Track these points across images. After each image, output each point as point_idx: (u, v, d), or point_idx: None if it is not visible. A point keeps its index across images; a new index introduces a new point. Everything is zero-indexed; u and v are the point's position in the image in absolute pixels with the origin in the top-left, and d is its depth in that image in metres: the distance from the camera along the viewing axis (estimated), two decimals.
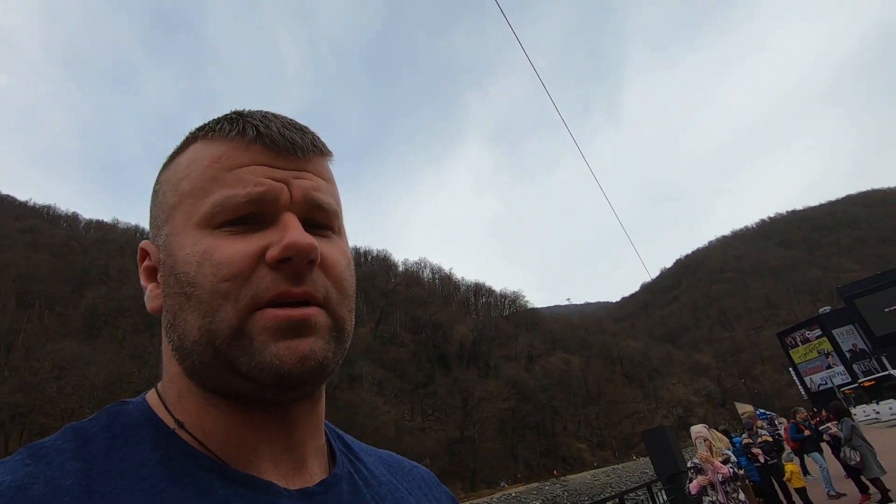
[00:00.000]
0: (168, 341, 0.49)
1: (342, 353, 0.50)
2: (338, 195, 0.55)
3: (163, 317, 0.49)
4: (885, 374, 28.42)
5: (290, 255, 0.44)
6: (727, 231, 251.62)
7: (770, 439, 10.12)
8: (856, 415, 9.34)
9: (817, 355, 45.80)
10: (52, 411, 63.08)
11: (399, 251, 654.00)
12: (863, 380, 30.77)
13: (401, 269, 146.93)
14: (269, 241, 0.45)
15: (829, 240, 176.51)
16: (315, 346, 0.45)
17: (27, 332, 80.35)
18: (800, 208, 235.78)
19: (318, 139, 0.53)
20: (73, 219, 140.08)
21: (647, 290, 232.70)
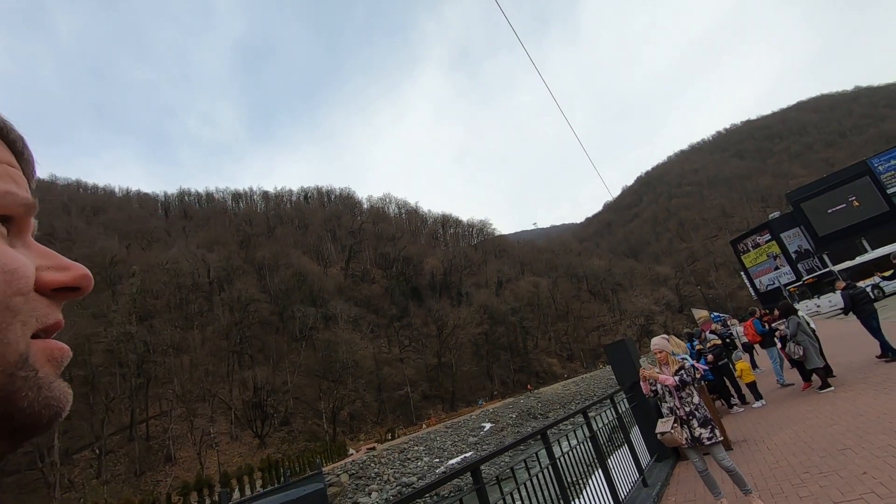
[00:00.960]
0: None
1: None
2: None
3: None
4: (826, 270, 29.87)
5: None
6: (685, 145, 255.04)
7: (719, 342, 10.80)
8: (800, 310, 9.75)
9: (766, 258, 48.65)
10: None
11: (363, 188, 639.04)
12: (806, 277, 32.51)
13: (366, 207, 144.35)
14: None
15: (779, 147, 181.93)
16: None
17: None
18: (753, 118, 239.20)
19: None
20: None
21: (610, 210, 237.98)
